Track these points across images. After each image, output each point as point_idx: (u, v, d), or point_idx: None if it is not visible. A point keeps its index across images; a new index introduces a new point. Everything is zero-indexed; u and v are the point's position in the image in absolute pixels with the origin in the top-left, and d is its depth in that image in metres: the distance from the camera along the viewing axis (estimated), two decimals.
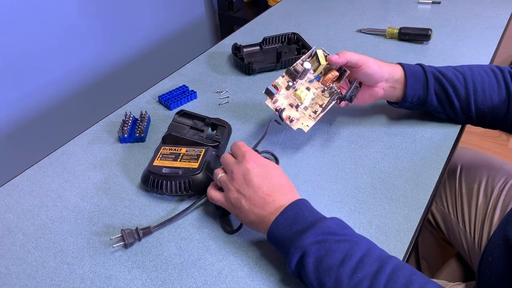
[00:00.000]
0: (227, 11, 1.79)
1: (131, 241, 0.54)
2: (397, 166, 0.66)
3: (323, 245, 0.46)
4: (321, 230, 0.47)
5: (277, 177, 0.54)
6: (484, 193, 0.80)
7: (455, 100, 0.67)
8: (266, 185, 0.52)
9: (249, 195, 0.52)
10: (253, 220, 0.52)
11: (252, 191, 0.52)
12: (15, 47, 1.17)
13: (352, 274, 0.44)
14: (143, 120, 0.73)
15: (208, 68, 0.91)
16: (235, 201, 0.53)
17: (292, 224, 0.49)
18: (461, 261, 0.85)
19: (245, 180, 0.52)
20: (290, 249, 0.47)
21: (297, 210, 0.50)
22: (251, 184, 0.52)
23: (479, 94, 0.67)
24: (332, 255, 0.45)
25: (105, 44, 1.44)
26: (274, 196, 0.51)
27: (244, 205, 0.52)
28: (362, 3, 1.18)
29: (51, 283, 0.52)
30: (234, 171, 0.54)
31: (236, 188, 0.53)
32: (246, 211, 0.52)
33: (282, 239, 0.49)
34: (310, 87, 0.66)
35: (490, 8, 1.12)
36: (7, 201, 0.63)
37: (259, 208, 0.51)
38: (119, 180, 0.65)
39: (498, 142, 1.85)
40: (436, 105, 0.69)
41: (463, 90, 0.67)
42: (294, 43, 0.96)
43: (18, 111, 1.26)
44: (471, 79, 0.67)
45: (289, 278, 0.52)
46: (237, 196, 0.53)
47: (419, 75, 0.68)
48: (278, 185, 0.53)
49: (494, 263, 0.47)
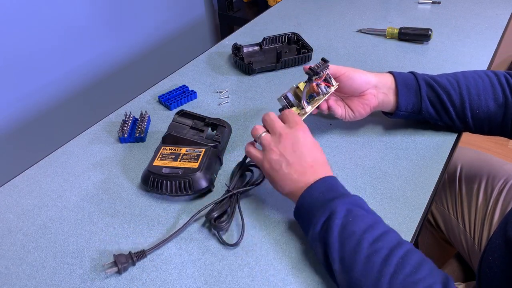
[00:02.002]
0: (227, 11, 1.79)
1: (124, 266, 0.52)
2: (397, 166, 0.66)
3: (351, 212, 0.49)
4: (351, 201, 0.51)
5: (320, 153, 0.56)
6: (484, 193, 0.80)
7: (450, 107, 0.67)
8: (311, 158, 0.54)
9: (292, 162, 0.54)
10: (288, 185, 0.54)
11: (297, 159, 0.54)
12: (15, 47, 1.17)
13: (373, 242, 0.47)
14: (143, 120, 0.73)
15: (208, 68, 0.91)
16: (275, 163, 0.55)
17: (325, 192, 0.52)
18: (461, 261, 0.85)
19: (292, 147, 0.54)
20: (320, 211, 0.50)
21: (331, 182, 0.53)
22: (298, 152, 0.54)
23: (473, 98, 0.66)
24: (358, 223, 0.48)
25: (105, 44, 1.44)
26: (315, 168, 0.54)
27: (283, 169, 0.54)
28: (362, 3, 1.18)
29: (51, 283, 0.52)
30: (283, 135, 0.55)
31: (280, 151, 0.55)
32: (284, 175, 0.54)
33: (313, 203, 0.51)
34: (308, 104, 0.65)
35: (490, 8, 1.12)
36: (7, 201, 0.63)
37: (298, 175, 0.54)
38: (119, 180, 0.65)
39: (498, 142, 1.85)
40: (432, 113, 0.68)
41: (457, 96, 0.66)
42: (294, 43, 0.96)
43: (18, 111, 1.26)
44: (464, 84, 0.66)
45: (289, 278, 0.52)
46: (279, 158, 0.54)
47: (411, 82, 0.67)
48: (321, 161, 0.55)
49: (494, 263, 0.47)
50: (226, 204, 0.58)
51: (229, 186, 0.60)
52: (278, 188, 0.56)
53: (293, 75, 0.88)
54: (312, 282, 0.51)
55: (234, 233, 0.57)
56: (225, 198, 0.59)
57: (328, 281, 0.51)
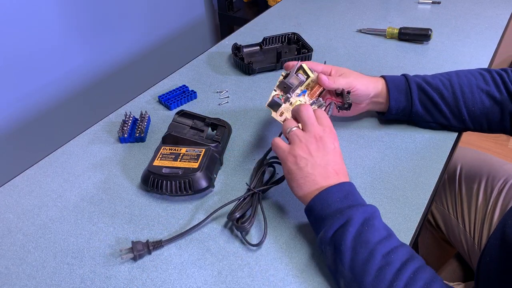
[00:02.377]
0: (227, 11, 1.79)
1: (140, 253, 0.54)
2: (397, 166, 0.66)
3: (367, 222, 0.49)
4: (369, 210, 0.51)
5: (342, 161, 0.56)
6: (484, 193, 0.80)
7: (444, 107, 0.67)
8: (336, 163, 0.54)
9: (318, 164, 0.53)
10: (308, 186, 0.53)
11: (324, 162, 0.54)
12: (15, 47, 1.17)
13: (387, 254, 0.46)
14: (143, 120, 0.73)
15: (208, 68, 0.91)
16: (300, 160, 0.54)
17: (343, 198, 0.51)
18: (461, 261, 0.85)
19: (323, 149, 0.54)
20: (336, 216, 0.50)
21: (350, 189, 0.53)
22: (326, 156, 0.54)
23: (467, 96, 0.66)
24: (373, 233, 0.48)
25: (105, 44, 1.44)
26: (339, 176, 0.54)
27: (308, 168, 0.53)
28: (362, 3, 1.18)
29: (51, 283, 0.52)
30: (317, 136, 0.55)
31: (309, 150, 0.54)
32: (307, 174, 0.53)
33: (330, 206, 0.51)
34: (301, 100, 0.65)
35: (490, 8, 1.12)
36: (7, 201, 0.63)
37: (321, 179, 0.53)
38: (119, 180, 0.65)
39: (498, 142, 1.85)
40: (423, 115, 0.69)
41: (450, 94, 0.67)
42: (294, 43, 0.96)
43: (18, 111, 1.26)
44: (457, 82, 0.67)
45: (289, 278, 0.52)
46: (306, 157, 0.54)
47: (402, 86, 0.68)
48: (344, 170, 0.56)
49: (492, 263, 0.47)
50: (248, 203, 0.58)
51: (250, 185, 0.59)
52: (296, 187, 0.55)
53: None
54: (312, 283, 0.51)
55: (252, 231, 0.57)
56: (247, 197, 0.58)
57: (328, 282, 0.51)
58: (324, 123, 0.57)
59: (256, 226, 0.58)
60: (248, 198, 0.58)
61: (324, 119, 0.57)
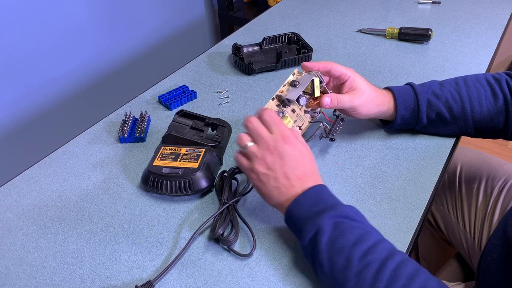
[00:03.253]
0: (227, 11, 1.79)
1: None
2: (397, 166, 0.66)
3: (338, 226, 0.48)
4: (338, 213, 0.49)
5: (309, 162, 0.55)
6: (484, 193, 0.80)
7: (450, 120, 0.66)
8: (299, 170, 0.53)
9: (280, 176, 0.52)
10: (275, 198, 0.53)
11: (284, 173, 0.52)
12: (15, 47, 1.17)
13: (363, 256, 0.45)
14: (143, 120, 0.73)
15: (208, 68, 0.91)
16: (263, 176, 0.53)
17: (311, 205, 0.50)
18: (461, 261, 0.85)
19: (280, 160, 0.53)
20: (307, 226, 0.49)
21: (318, 193, 0.52)
22: (285, 166, 0.53)
23: (475, 109, 0.65)
24: (346, 236, 0.47)
25: (105, 44, 1.44)
26: (303, 181, 0.53)
27: (271, 182, 0.53)
28: (362, 3, 1.18)
29: (51, 283, 0.52)
30: (270, 148, 0.53)
31: (267, 164, 0.53)
32: (271, 188, 0.53)
33: (300, 217, 0.50)
34: (295, 108, 0.65)
35: (490, 8, 1.12)
36: (7, 201, 0.63)
37: (286, 189, 0.52)
38: (119, 180, 0.65)
39: (498, 142, 1.85)
40: (426, 127, 0.69)
41: (459, 108, 0.65)
42: (294, 43, 0.96)
43: (18, 111, 1.26)
44: (466, 95, 0.65)
45: (289, 278, 0.52)
46: (266, 172, 0.53)
47: (410, 103, 0.66)
48: (309, 172, 0.54)
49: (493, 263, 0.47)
50: (227, 216, 0.57)
51: (223, 198, 0.58)
52: (267, 199, 0.55)
53: None
54: (313, 283, 0.51)
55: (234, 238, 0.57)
56: (223, 210, 0.57)
57: None
58: (274, 130, 0.54)
59: (243, 235, 0.57)
60: (224, 211, 0.57)
61: (273, 125, 0.55)
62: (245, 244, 0.56)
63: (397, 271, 0.44)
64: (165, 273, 0.51)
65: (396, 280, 0.43)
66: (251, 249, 0.54)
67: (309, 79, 0.62)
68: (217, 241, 0.56)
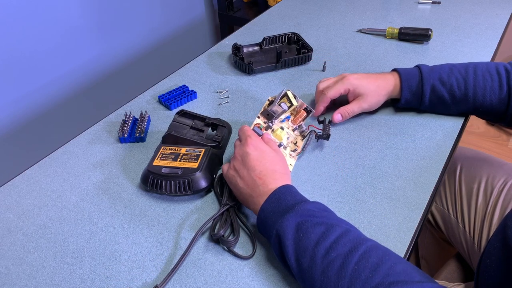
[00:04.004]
0: (227, 11, 1.79)
1: None
2: (397, 166, 0.66)
3: (301, 226, 0.48)
4: (300, 212, 0.50)
5: (271, 162, 0.57)
6: (484, 193, 0.80)
7: (451, 105, 0.71)
8: (259, 169, 0.56)
9: (243, 175, 0.56)
10: (245, 198, 0.56)
11: (247, 172, 0.56)
12: (15, 47, 1.17)
13: (325, 254, 0.45)
14: (143, 120, 0.73)
15: (208, 68, 0.91)
16: (232, 178, 0.58)
17: (275, 209, 0.52)
18: (461, 261, 0.85)
19: (242, 161, 0.57)
20: (272, 231, 0.50)
21: (279, 195, 0.53)
22: (246, 165, 0.56)
23: (478, 98, 0.68)
24: (309, 236, 0.47)
25: (105, 44, 1.44)
26: (264, 180, 0.55)
27: (238, 183, 0.57)
28: (362, 3, 1.18)
29: (51, 283, 0.52)
30: (235, 152, 0.60)
31: (235, 167, 0.58)
32: (239, 188, 0.56)
33: (267, 223, 0.52)
34: (283, 126, 0.69)
35: (490, 8, 1.12)
36: (7, 201, 0.63)
37: (250, 189, 0.55)
38: (119, 180, 0.65)
39: (498, 142, 1.85)
40: (427, 109, 0.74)
41: (461, 96, 0.69)
42: (294, 43, 0.96)
43: (18, 111, 1.26)
44: (472, 84, 0.68)
45: (289, 277, 0.52)
46: (234, 174, 0.58)
47: (414, 86, 0.71)
48: (271, 171, 0.56)
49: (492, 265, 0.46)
50: (226, 217, 0.57)
51: (224, 199, 0.59)
52: (245, 204, 0.57)
53: (293, 75, 0.88)
54: None
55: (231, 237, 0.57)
56: (224, 212, 0.57)
57: None
58: (241, 136, 0.61)
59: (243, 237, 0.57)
60: (225, 212, 0.57)
61: (242, 133, 0.61)
62: (245, 246, 0.56)
63: (360, 264, 0.43)
64: (170, 277, 0.51)
65: (360, 273, 0.43)
66: (251, 251, 0.54)
67: (282, 92, 0.68)
68: (217, 242, 0.56)
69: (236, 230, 0.55)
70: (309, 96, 0.82)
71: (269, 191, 0.53)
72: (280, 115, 0.68)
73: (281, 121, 0.69)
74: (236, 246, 0.55)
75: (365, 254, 0.44)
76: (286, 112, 0.69)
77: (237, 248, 0.55)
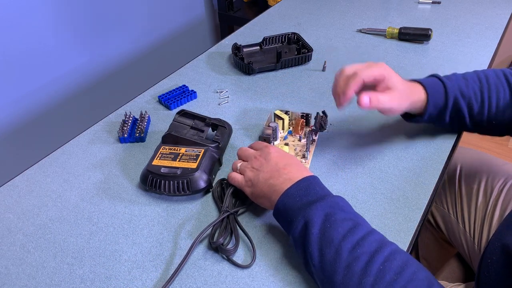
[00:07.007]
0: (227, 11, 1.79)
1: None
2: (397, 166, 0.66)
3: (329, 217, 0.48)
4: (329, 203, 0.50)
5: (294, 159, 0.58)
6: (483, 193, 0.80)
7: (467, 119, 0.65)
8: (284, 162, 0.56)
9: (267, 170, 0.56)
10: (266, 191, 0.55)
11: (270, 166, 0.56)
12: (15, 47, 1.17)
13: (352, 249, 0.46)
14: (143, 120, 0.73)
15: (208, 68, 0.91)
16: (253, 177, 0.57)
17: (302, 196, 0.51)
18: (461, 261, 0.85)
19: (265, 160, 0.58)
20: (298, 217, 0.50)
21: (308, 184, 0.53)
22: (270, 161, 0.57)
23: (492, 111, 0.64)
24: (336, 228, 0.47)
25: (105, 44, 1.44)
26: (289, 169, 0.55)
27: (260, 178, 0.56)
28: (362, 3, 1.18)
29: (51, 283, 0.52)
30: (256, 156, 0.59)
31: (255, 167, 0.58)
32: (261, 184, 0.56)
33: (291, 208, 0.51)
34: (288, 142, 0.70)
35: (490, 8, 1.12)
36: (7, 201, 0.63)
37: (274, 179, 0.55)
38: (119, 180, 0.65)
39: (498, 142, 1.85)
40: (445, 125, 0.67)
41: (478, 109, 0.64)
42: (294, 43, 0.96)
43: (18, 111, 1.26)
44: (487, 96, 0.64)
45: (289, 278, 0.52)
46: (255, 173, 0.57)
47: (440, 102, 0.64)
48: (294, 164, 0.57)
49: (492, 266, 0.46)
50: (227, 225, 0.55)
51: (224, 206, 0.57)
52: (263, 203, 0.56)
53: (293, 75, 0.88)
54: (313, 284, 0.51)
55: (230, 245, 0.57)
56: (223, 219, 0.56)
57: None
58: (257, 146, 0.62)
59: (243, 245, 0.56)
60: (225, 219, 0.56)
61: (256, 144, 0.63)
62: (245, 253, 0.55)
63: (385, 264, 0.44)
64: (171, 282, 0.51)
65: (384, 274, 0.43)
66: (251, 259, 0.53)
67: (269, 116, 0.72)
68: (216, 250, 0.55)
69: (236, 238, 0.55)
70: (309, 96, 0.82)
71: (296, 178, 0.53)
72: (276, 134, 0.69)
73: (283, 138, 0.71)
74: (235, 254, 0.54)
75: (390, 256, 0.45)
76: (285, 128, 0.71)
77: (235, 256, 0.54)
